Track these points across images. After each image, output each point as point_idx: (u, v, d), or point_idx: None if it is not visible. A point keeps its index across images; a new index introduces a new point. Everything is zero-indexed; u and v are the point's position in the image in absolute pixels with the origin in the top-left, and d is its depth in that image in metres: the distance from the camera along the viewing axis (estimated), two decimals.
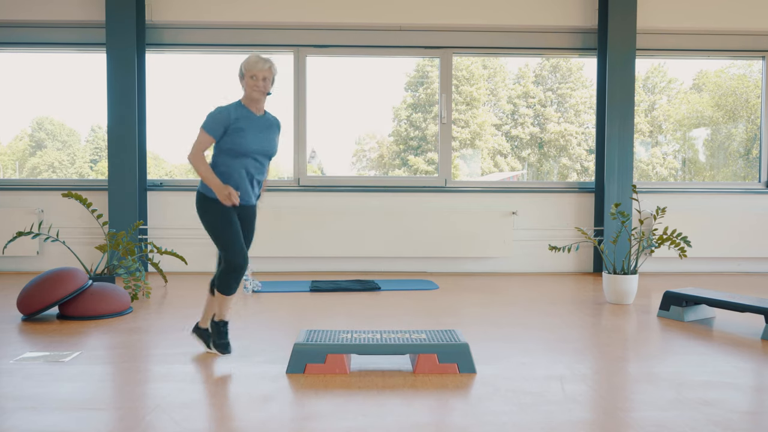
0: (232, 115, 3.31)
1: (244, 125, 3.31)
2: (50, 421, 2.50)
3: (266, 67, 3.31)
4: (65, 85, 7.10)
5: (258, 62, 3.31)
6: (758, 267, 6.87)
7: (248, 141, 3.31)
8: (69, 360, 3.36)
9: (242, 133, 3.30)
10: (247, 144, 3.31)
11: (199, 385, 2.96)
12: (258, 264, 6.60)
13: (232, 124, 3.30)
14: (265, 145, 3.38)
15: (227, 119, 3.29)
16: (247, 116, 3.35)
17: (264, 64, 3.31)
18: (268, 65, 3.32)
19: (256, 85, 3.31)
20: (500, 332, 4.05)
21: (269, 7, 6.53)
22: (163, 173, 7.41)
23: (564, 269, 6.86)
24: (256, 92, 3.33)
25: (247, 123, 3.33)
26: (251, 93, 3.34)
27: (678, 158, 7.76)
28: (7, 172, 7.45)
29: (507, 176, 7.67)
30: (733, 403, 2.75)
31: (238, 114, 3.33)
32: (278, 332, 4.03)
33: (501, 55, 7.39)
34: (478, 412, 2.62)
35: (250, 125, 3.34)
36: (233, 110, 3.34)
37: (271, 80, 3.37)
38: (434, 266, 6.76)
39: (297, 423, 2.51)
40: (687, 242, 4.76)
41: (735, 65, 7.43)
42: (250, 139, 3.32)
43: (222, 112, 3.31)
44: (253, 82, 3.31)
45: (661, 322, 4.37)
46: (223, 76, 7.10)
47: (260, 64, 3.30)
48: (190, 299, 5.15)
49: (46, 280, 4.35)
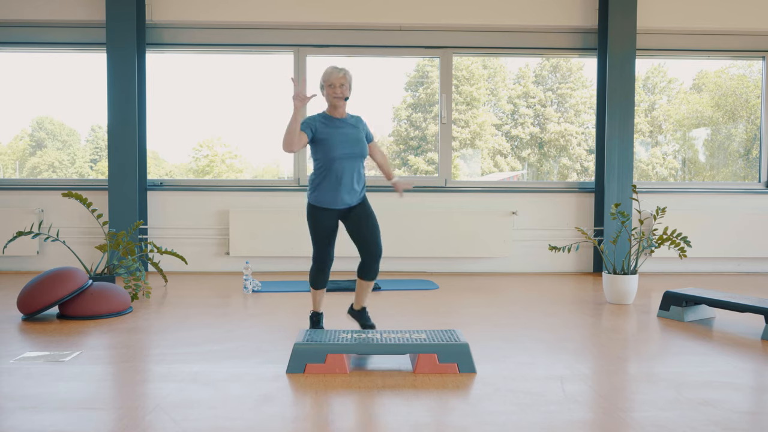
0: (317, 123, 3.64)
1: (329, 134, 3.62)
2: (50, 421, 2.50)
3: (341, 74, 3.61)
4: (65, 85, 7.10)
5: (333, 72, 3.62)
6: (758, 267, 6.87)
7: (336, 146, 3.61)
8: (69, 360, 3.36)
9: (328, 142, 3.61)
10: (334, 149, 3.61)
11: (199, 385, 2.96)
12: (258, 264, 6.60)
13: (319, 130, 3.62)
14: (354, 147, 3.66)
15: (314, 125, 3.62)
16: (331, 124, 3.66)
17: (339, 72, 3.62)
18: (342, 73, 3.62)
19: (335, 92, 3.62)
20: (500, 332, 4.05)
21: (269, 7, 6.53)
22: (163, 173, 7.41)
23: (564, 269, 6.86)
24: (336, 98, 3.63)
25: (332, 131, 3.64)
26: (332, 100, 3.65)
27: (678, 158, 7.76)
28: (7, 171, 7.45)
29: (507, 176, 7.67)
30: (733, 403, 2.75)
31: (324, 122, 3.65)
32: (278, 332, 4.03)
33: (501, 55, 7.40)
34: (478, 412, 2.62)
35: (334, 133, 3.64)
36: (319, 119, 3.67)
37: (348, 86, 3.66)
38: (434, 266, 6.76)
39: (297, 423, 2.51)
40: (687, 242, 4.76)
41: (735, 65, 7.43)
42: (336, 144, 3.61)
43: (309, 119, 3.65)
44: (332, 90, 3.62)
45: (661, 322, 4.37)
46: (223, 76, 7.11)
47: (335, 73, 3.62)
48: (190, 299, 5.15)
49: (46, 279, 4.35)
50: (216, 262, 6.69)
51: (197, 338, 3.85)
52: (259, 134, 7.39)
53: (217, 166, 7.52)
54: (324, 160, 3.62)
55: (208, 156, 7.49)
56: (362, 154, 3.70)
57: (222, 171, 7.54)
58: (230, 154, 7.55)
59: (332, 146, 3.59)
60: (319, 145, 3.61)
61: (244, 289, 5.48)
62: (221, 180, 7.33)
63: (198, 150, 7.48)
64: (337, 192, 3.65)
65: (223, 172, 7.54)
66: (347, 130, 3.67)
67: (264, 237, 6.56)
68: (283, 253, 6.61)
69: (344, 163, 3.62)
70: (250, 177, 7.55)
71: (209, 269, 6.68)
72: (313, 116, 3.66)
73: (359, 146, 3.67)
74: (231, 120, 7.30)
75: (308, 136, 3.58)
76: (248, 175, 7.63)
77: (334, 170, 3.62)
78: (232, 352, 3.53)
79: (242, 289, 5.55)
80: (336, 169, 3.62)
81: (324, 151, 3.61)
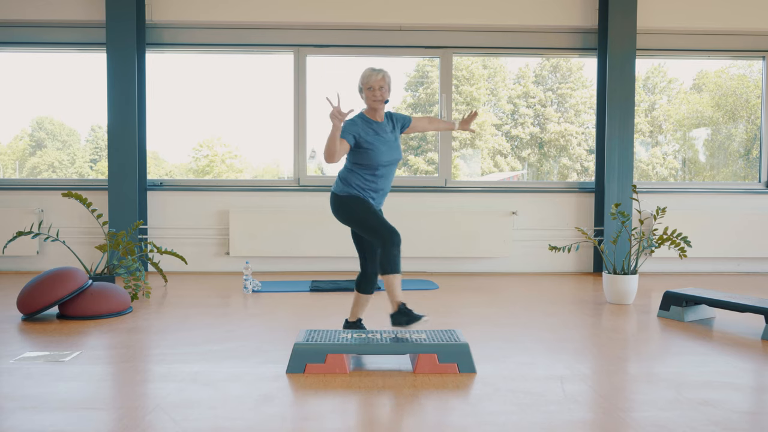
0: (358, 127, 3.51)
1: (372, 141, 3.51)
2: (50, 421, 2.50)
3: (380, 77, 3.51)
4: (65, 85, 7.10)
5: (372, 74, 3.51)
6: (758, 267, 6.87)
7: (379, 155, 3.52)
8: (69, 360, 3.36)
9: (372, 150, 3.50)
10: (378, 158, 3.51)
11: (198, 385, 2.96)
12: (258, 264, 6.60)
13: (361, 137, 3.50)
14: (394, 154, 3.59)
15: (356, 130, 3.49)
16: (373, 128, 3.55)
17: (377, 74, 3.51)
18: (381, 75, 3.51)
19: (374, 95, 3.52)
20: (500, 332, 4.05)
21: (269, 7, 6.53)
22: (163, 173, 7.41)
23: (564, 269, 6.86)
24: (376, 101, 3.53)
25: (374, 136, 3.53)
26: (372, 103, 3.54)
27: (678, 158, 7.76)
28: (7, 171, 7.45)
29: (507, 176, 7.67)
30: (733, 403, 2.75)
31: (366, 126, 3.54)
32: (278, 332, 4.03)
33: (501, 55, 7.40)
34: (478, 412, 2.62)
35: (377, 138, 3.54)
36: (359, 122, 3.55)
37: (387, 88, 3.55)
38: (434, 266, 6.76)
39: (297, 423, 2.51)
40: (687, 242, 4.76)
41: (735, 65, 7.43)
42: (381, 153, 3.52)
43: (350, 124, 3.51)
44: (371, 93, 3.52)
45: (661, 322, 4.37)
46: (223, 76, 7.11)
47: (374, 75, 3.51)
48: (190, 299, 5.15)
49: (46, 279, 4.35)
50: (216, 262, 6.69)
51: (197, 338, 3.85)
52: (259, 134, 7.39)
53: (217, 166, 7.52)
54: (368, 167, 3.52)
55: (208, 156, 7.49)
56: (399, 158, 3.63)
57: (222, 171, 7.54)
58: (230, 154, 7.55)
59: (377, 154, 3.49)
60: (363, 151, 3.50)
61: (244, 289, 5.48)
62: (221, 180, 7.33)
63: (198, 150, 7.48)
64: (378, 196, 3.59)
65: (223, 172, 7.54)
66: (387, 136, 3.58)
67: (264, 237, 6.56)
68: (283, 253, 6.60)
69: (386, 170, 3.56)
70: (250, 177, 7.55)
71: (209, 269, 6.68)
72: (354, 120, 3.54)
73: (398, 152, 3.61)
74: (231, 120, 7.30)
75: (350, 143, 3.46)
76: (248, 175, 7.63)
77: (377, 176, 3.54)
78: (232, 352, 3.53)
79: (242, 289, 5.55)
80: (379, 175, 3.54)
81: (368, 158, 3.50)
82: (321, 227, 6.57)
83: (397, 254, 3.41)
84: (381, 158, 3.51)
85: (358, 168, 3.53)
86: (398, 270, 3.41)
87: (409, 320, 3.29)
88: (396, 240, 3.40)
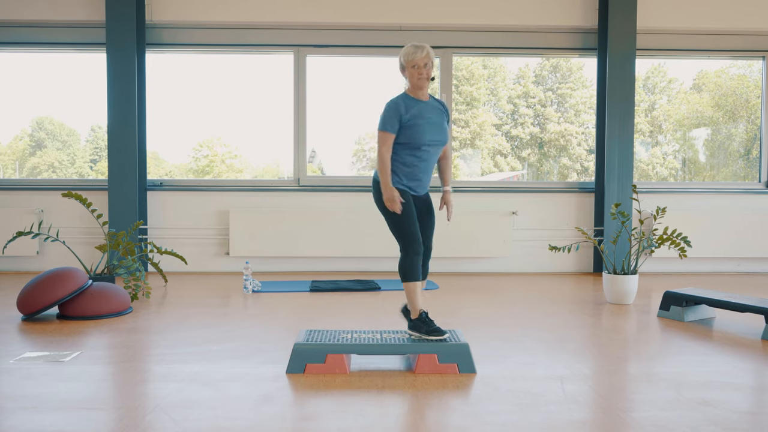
0: (401, 108, 3.36)
1: (417, 118, 3.36)
2: (50, 421, 2.50)
3: (424, 54, 3.36)
4: (65, 85, 7.10)
5: (416, 51, 3.36)
6: (758, 267, 6.87)
7: (424, 132, 3.36)
8: (69, 360, 3.36)
9: (417, 127, 3.35)
10: (422, 136, 3.36)
11: (198, 385, 2.96)
12: (258, 264, 6.60)
13: (405, 116, 3.35)
14: (439, 136, 3.42)
15: (399, 113, 3.36)
16: (417, 106, 3.39)
17: (422, 51, 3.36)
18: (425, 51, 3.36)
19: (420, 73, 3.36)
20: (500, 332, 4.05)
21: (269, 7, 6.53)
22: (163, 173, 7.41)
23: (564, 269, 6.86)
24: (421, 80, 3.37)
25: (419, 115, 3.37)
26: (417, 82, 3.38)
27: (678, 158, 7.76)
28: (7, 171, 7.45)
29: (507, 176, 7.67)
30: (733, 403, 2.74)
31: (409, 106, 3.38)
32: (278, 332, 4.03)
33: (501, 55, 7.40)
34: (477, 412, 2.62)
35: (422, 117, 3.38)
36: (402, 103, 3.39)
37: (432, 64, 3.40)
38: (434, 266, 6.75)
39: (297, 423, 2.51)
40: (687, 242, 4.76)
41: (735, 65, 7.43)
42: (426, 130, 3.37)
43: (392, 107, 3.37)
44: (416, 71, 3.36)
45: (661, 322, 4.37)
46: (223, 76, 7.10)
47: (419, 53, 3.35)
48: (190, 299, 5.15)
49: (46, 279, 4.35)
50: (216, 262, 6.69)
51: (197, 338, 3.85)
52: (259, 134, 7.39)
53: (217, 166, 7.52)
54: (410, 147, 3.37)
55: (208, 156, 7.49)
56: (445, 141, 3.45)
57: (222, 171, 7.54)
58: (230, 154, 7.55)
59: (421, 132, 3.34)
60: (406, 130, 3.35)
61: (244, 289, 5.48)
62: (221, 180, 7.33)
63: (198, 150, 7.48)
64: (420, 179, 3.43)
65: (223, 172, 7.54)
66: (433, 115, 3.41)
67: (264, 237, 6.56)
68: (283, 253, 6.60)
69: (430, 150, 3.39)
70: (250, 177, 7.55)
71: (209, 269, 6.68)
72: (396, 101, 3.38)
73: (444, 133, 3.43)
74: (231, 120, 7.30)
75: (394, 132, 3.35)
76: (248, 175, 7.63)
77: (419, 157, 3.38)
78: (232, 352, 3.53)
79: (242, 289, 5.55)
80: (422, 155, 3.38)
81: (411, 137, 3.35)
82: (321, 227, 6.57)
83: (413, 260, 3.34)
84: (425, 136, 3.35)
85: (401, 148, 3.38)
86: (415, 279, 3.35)
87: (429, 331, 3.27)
88: (418, 249, 3.34)
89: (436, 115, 3.43)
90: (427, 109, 3.41)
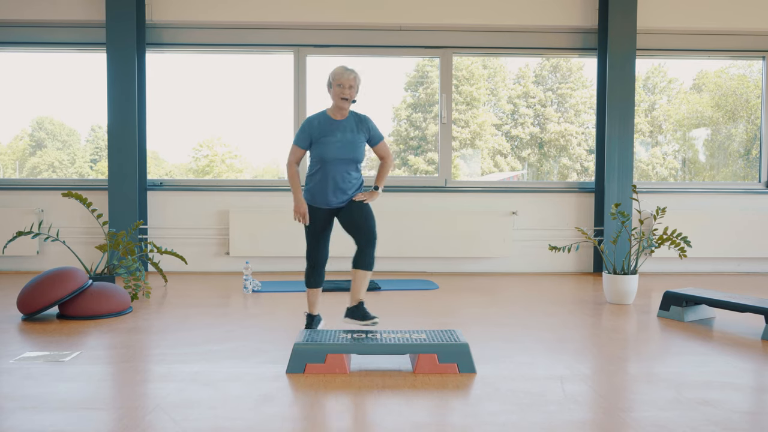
0: (314, 126, 3.67)
1: (325, 137, 3.65)
2: (50, 421, 2.50)
3: (351, 76, 3.63)
4: (65, 85, 7.10)
5: (344, 72, 3.63)
6: (758, 267, 6.87)
7: (327, 150, 3.64)
8: (69, 360, 3.36)
9: (323, 146, 3.65)
10: (325, 153, 3.64)
11: (199, 385, 2.96)
12: (258, 264, 6.60)
13: (315, 134, 3.66)
14: (347, 153, 3.67)
15: (311, 130, 3.68)
16: (330, 127, 3.68)
17: (350, 73, 3.63)
18: (353, 75, 3.64)
19: (343, 93, 3.62)
20: (500, 332, 4.05)
21: (269, 7, 6.53)
22: (163, 173, 7.41)
23: (564, 269, 6.86)
24: (343, 100, 3.63)
25: (328, 135, 3.66)
26: (338, 101, 3.64)
27: (678, 158, 7.76)
28: (7, 171, 7.45)
29: (507, 176, 7.67)
30: (733, 403, 2.75)
31: (323, 124, 3.68)
32: (278, 332, 4.03)
33: (501, 55, 7.40)
34: (478, 412, 2.62)
35: (331, 137, 3.66)
36: (316, 121, 3.69)
37: (356, 89, 3.67)
38: (434, 266, 6.76)
39: (297, 423, 2.52)
40: (687, 242, 4.76)
41: (735, 65, 7.43)
42: (330, 149, 3.64)
43: (306, 126, 3.70)
44: (340, 90, 3.61)
45: (661, 322, 4.37)
46: (223, 76, 7.10)
47: (346, 74, 3.62)
48: (190, 299, 5.15)
49: (46, 279, 4.35)
50: (216, 262, 6.69)
51: (197, 338, 3.85)
52: (259, 134, 7.40)
53: (217, 166, 7.52)
54: (318, 161, 3.68)
55: (208, 156, 7.49)
56: (355, 158, 3.69)
57: (222, 171, 7.54)
58: (230, 154, 7.56)
59: (326, 150, 3.63)
60: (315, 146, 3.67)
61: (244, 289, 5.48)
62: (221, 180, 7.33)
63: (198, 150, 7.48)
64: (326, 192, 3.70)
65: (223, 172, 7.54)
66: (345, 134, 3.67)
67: (264, 237, 6.56)
68: (283, 253, 6.60)
69: (336, 166, 3.66)
70: (250, 177, 7.55)
71: (209, 269, 6.68)
72: (312, 120, 3.69)
73: (354, 151, 3.67)
74: (231, 120, 7.31)
75: (304, 148, 3.71)
76: (248, 175, 7.63)
77: (325, 171, 3.67)
78: (232, 352, 3.53)
79: (242, 289, 5.55)
80: (327, 170, 3.66)
81: (318, 153, 3.66)
82: None
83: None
84: (328, 154, 3.63)
85: (312, 162, 3.73)
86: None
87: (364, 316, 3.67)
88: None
89: (348, 133, 3.69)
90: (340, 128, 3.68)
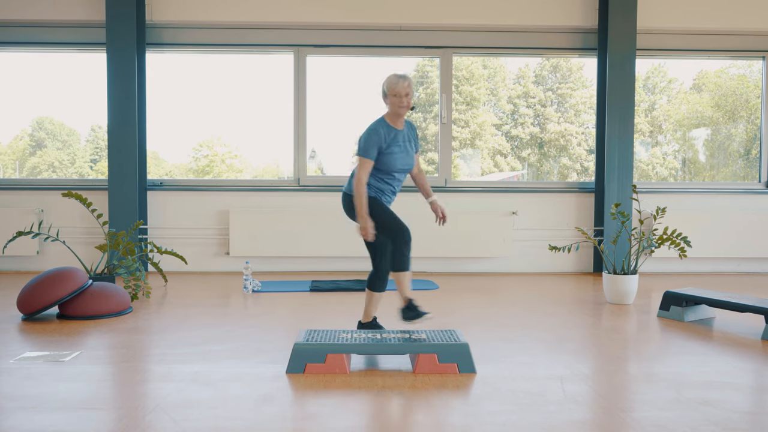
0: (381, 136, 3.56)
1: (393, 146, 3.58)
2: (50, 421, 2.50)
3: (406, 83, 3.53)
4: (65, 85, 7.10)
5: (399, 81, 3.52)
6: (758, 267, 6.87)
7: (396, 160, 3.59)
8: (69, 360, 3.36)
9: (391, 156, 3.58)
10: (393, 164, 3.59)
11: (198, 385, 2.96)
12: (258, 264, 6.60)
13: (383, 145, 3.56)
14: (408, 162, 3.66)
15: (380, 141, 3.55)
16: (394, 135, 3.60)
17: (405, 81, 3.53)
18: (408, 82, 3.54)
19: (401, 102, 3.53)
20: (500, 332, 4.05)
21: (269, 7, 6.53)
22: (163, 173, 7.41)
23: (564, 269, 6.86)
24: (402, 109, 3.55)
25: (395, 143, 3.59)
26: (397, 110, 3.56)
27: (678, 158, 7.76)
28: (7, 171, 7.45)
29: (507, 176, 7.67)
30: (733, 403, 2.75)
31: (387, 134, 3.58)
32: (278, 332, 4.03)
33: (501, 55, 7.40)
34: (477, 412, 2.62)
35: (397, 144, 3.60)
36: (382, 130, 3.57)
37: (412, 94, 3.58)
38: (434, 266, 6.76)
39: (297, 423, 2.51)
40: (687, 242, 4.76)
41: (735, 65, 7.43)
42: (398, 159, 3.60)
43: (373, 135, 3.55)
44: (398, 100, 3.53)
45: (661, 322, 4.37)
46: (223, 76, 7.10)
47: (402, 82, 3.52)
48: (190, 299, 5.15)
49: (46, 279, 4.35)
50: (216, 262, 6.69)
51: (197, 338, 3.85)
52: (259, 134, 7.40)
53: (217, 166, 7.52)
54: (384, 171, 3.61)
55: (208, 156, 7.49)
56: (412, 165, 3.72)
57: (222, 171, 7.54)
58: (230, 154, 7.56)
59: (394, 161, 3.58)
60: (382, 157, 3.57)
61: (244, 289, 5.48)
62: (221, 180, 7.33)
63: (198, 150, 7.48)
64: (390, 199, 3.71)
65: (223, 172, 7.54)
66: (405, 143, 3.65)
67: (264, 237, 6.56)
68: (283, 253, 6.60)
69: (400, 177, 3.68)
70: (250, 177, 7.55)
71: (209, 269, 6.68)
72: (376, 129, 3.56)
73: (411, 160, 3.69)
74: (231, 120, 7.31)
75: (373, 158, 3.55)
76: (248, 175, 7.63)
77: (390, 181, 3.66)
78: (232, 352, 3.53)
79: (242, 289, 5.55)
80: (392, 181, 3.66)
81: (385, 163, 3.58)
82: (321, 227, 6.57)
83: (407, 252, 3.54)
84: (397, 164, 3.59)
85: (375, 173, 3.61)
86: (408, 267, 3.56)
87: (415, 315, 3.49)
88: (406, 238, 3.53)
89: (407, 141, 3.66)
90: (401, 137, 3.62)
